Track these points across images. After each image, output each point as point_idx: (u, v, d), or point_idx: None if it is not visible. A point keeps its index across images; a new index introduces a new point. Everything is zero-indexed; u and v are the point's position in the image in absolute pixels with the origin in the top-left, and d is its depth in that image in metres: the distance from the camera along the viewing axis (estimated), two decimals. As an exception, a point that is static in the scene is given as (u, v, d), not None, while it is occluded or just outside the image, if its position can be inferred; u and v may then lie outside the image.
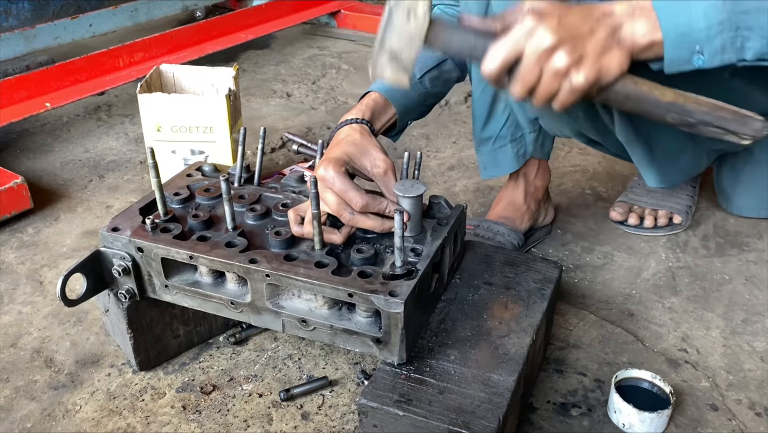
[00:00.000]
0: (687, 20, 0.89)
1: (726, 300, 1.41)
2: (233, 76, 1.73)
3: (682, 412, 1.14)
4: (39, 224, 1.66)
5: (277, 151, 2.03)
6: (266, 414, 1.13)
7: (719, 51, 0.90)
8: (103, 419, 1.12)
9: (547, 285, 1.15)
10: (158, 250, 1.05)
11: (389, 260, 1.03)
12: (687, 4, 0.89)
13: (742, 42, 0.89)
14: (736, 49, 0.90)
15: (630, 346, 1.29)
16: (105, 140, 2.10)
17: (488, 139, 1.46)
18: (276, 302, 1.03)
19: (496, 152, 1.46)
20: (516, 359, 0.99)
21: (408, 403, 0.91)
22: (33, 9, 2.72)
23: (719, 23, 0.88)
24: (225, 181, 1.03)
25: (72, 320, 1.33)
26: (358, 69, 2.71)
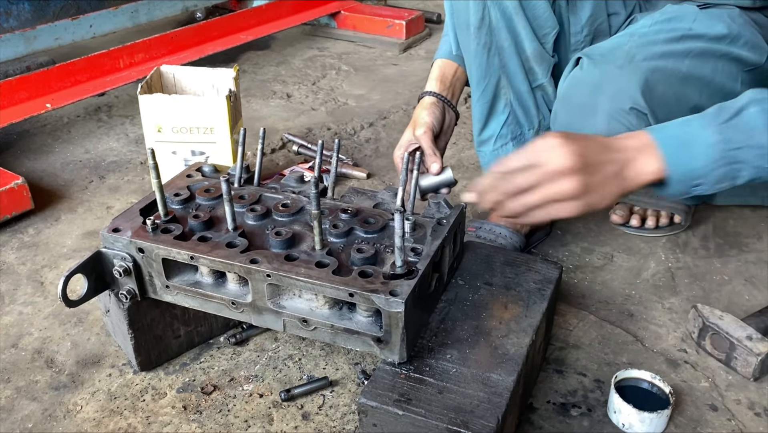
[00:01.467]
0: (689, 160, 0.98)
1: (725, 301, 1.41)
2: (233, 77, 1.73)
3: (682, 412, 1.15)
4: (40, 225, 1.66)
5: (277, 152, 2.03)
6: (267, 414, 1.13)
7: (716, 182, 0.99)
8: (104, 419, 1.12)
9: (547, 286, 1.15)
10: (159, 250, 1.05)
11: (389, 260, 1.03)
12: (688, 143, 0.98)
13: (736, 173, 0.99)
14: (731, 178, 0.99)
15: (630, 346, 1.29)
16: (105, 141, 2.10)
17: (489, 139, 1.46)
18: (277, 301, 1.03)
19: (498, 152, 1.47)
20: (515, 359, 0.99)
21: (407, 402, 0.92)
22: (33, 10, 2.72)
23: (716, 160, 0.98)
24: (225, 182, 1.03)
25: (73, 321, 1.34)
26: (358, 70, 2.71)
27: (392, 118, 2.26)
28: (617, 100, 1.20)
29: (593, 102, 1.23)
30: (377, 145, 2.09)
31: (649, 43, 1.23)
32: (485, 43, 1.35)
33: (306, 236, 1.09)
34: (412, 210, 1.13)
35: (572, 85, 1.30)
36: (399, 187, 1.09)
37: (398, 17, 3.00)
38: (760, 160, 0.98)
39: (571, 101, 1.29)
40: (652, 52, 1.21)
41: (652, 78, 1.20)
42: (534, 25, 1.34)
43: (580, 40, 1.41)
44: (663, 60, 1.21)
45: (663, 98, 1.21)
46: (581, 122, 1.24)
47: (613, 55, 1.24)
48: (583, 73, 1.27)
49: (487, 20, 1.33)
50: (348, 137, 2.13)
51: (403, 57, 2.89)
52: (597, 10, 1.38)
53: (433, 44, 3.02)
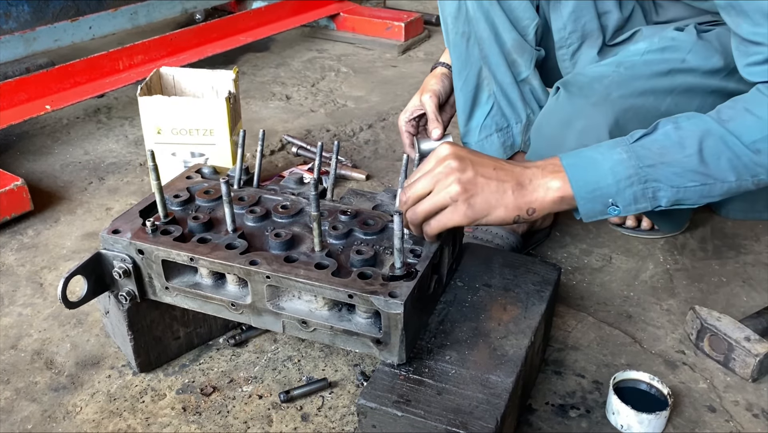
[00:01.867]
0: (595, 177, 0.96)
1: (723, 302, 1.42)
2: (233, 79, 1.73)
3: (680, 413, 1.15)
4: (39, 226, 1.67)
5: (276, 154, 2.04)
6: (266, 416, 1.13)
7: (632, 201, 0.96)
8: (103, 420, 1.12)
9: (546, 287, 1.15)
10: (159, 252, 1.05)
11: (389, 262, 1.03)
12: (594, 161, 0.97)
13: (654, 192, 0.96)
14: (649, 198, 0.96)
15: (628, 347, 1.30)
16: (105, 142, 2.10)
17: (473, 129, 1.46)
18: (276, 303, 1.03)
19: (482, 143, 1.47)
20: (514, 361, 1.00)
21: (406, 403, 0.92)
22: (33, 11, 2.72)
23: (627, 177, 0.95)
24: (225, 184, 1.03)
25: (72, 322, 1.34)
26: (357, 72, 2.71)
27: (391, 119, 2.26)
28: (584, 138, 1.13)
29: (562, 137, 1.20)
30: (376, 146, 2.09)
31: (633, 78, 1.19)
32: (463, 32, 1.36)
33: (305, 237, 1.09)
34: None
35: (545, 115, 1.28)
36: (398, 188, 1.10)
37: (397, 19, 3.00)
38: (677, 180, 0.95)
39: (542, 132, 1.28)
40: (632, 89, 1.17)
41: (623, 118, 1.15)
42: (511, 16, 1.34)
43: (564, 36, 1.36)
44: (642, 98, 1.17)
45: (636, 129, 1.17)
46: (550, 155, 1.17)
47: (591, 88, 1.20)
48: (557, 105, 1.25)
49: (463, 10, 1.34)
50: (347, 139, 2.14)
51: (402, 59, 2.89)
52: (580, 7, 1.33)
53: (432, 46, 3.02)
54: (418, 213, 0.98)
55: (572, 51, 1.38)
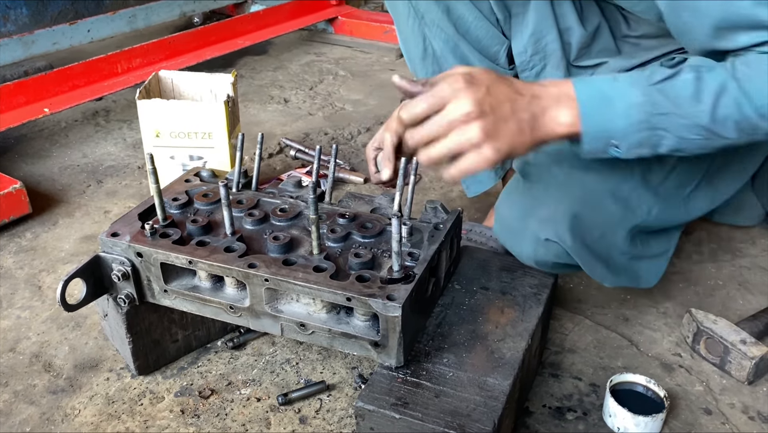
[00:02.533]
0: (608, 117, 0.93)
1: (719, 305, 1.42)
2: (231, 82, 1.74)
3: (677, 416, 1.16)
4: (37, 229, 1.67)
5: (274, 157, 2.04)
6: (264, 418, 1.14)
7: (635, 146, 0.95)
8: (101, 423, 1.13)
9: (543, 290, 1.16)
10: (157, 255, 1.06)
11: (387, 264, 1.04)
12: (609, 100, 0.93)
13: (658, 140, 0.94)
14: (652, 145, 0.95)
15: (625, 350, 1.30)
16: (103, 145, 2.11)
17: None
18: (275, 306, 1.04)
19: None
20: (512, 363, 1.00)
21: (404, 406, 0.92)
22: (31, 14, 2.73)
23: (638, 123, 0.92)
24: (224, 187, 1.04)
25: (71, 325, 1.34)
26: (355, 75, 2.72)
27: (389, 123, 2.26)
28: (542, 230, 1.12)
29: (521, 227, 1.17)
30: (374, 150, 2.10)
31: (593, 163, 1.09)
32: (433, 71, 1.34)
33: (304, 240, 1.10)
34: (409, 215, 1.14)
35: (505, 202, 1.24)
36: (396, 192, 1.10)
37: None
38: (684, 131, 0.93)
39: (503, 217, 1.23)
40: (593, 176, 1.12)
41: (584, 210, 1.12)
42: (479, 46, 1.32)
43: (526, 60, 1.31)
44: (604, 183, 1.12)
45: (597, 224, 1.14)
46: (511, 241, 1.20)
47: (550, 176, 1.15)
48: (518, 194, 1.21)
49: (429, 51, 1.32)
50: (345, 142, 2.14)
51: (399, 62, 2.90)
52: (540, 26, 1.26)
53: (429, 50, 3.03)
54: (432, 155, 0.91)
55: (536, 73, 1.32)
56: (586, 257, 1.16)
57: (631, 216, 1.16)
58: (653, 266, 1.26)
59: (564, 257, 1.15)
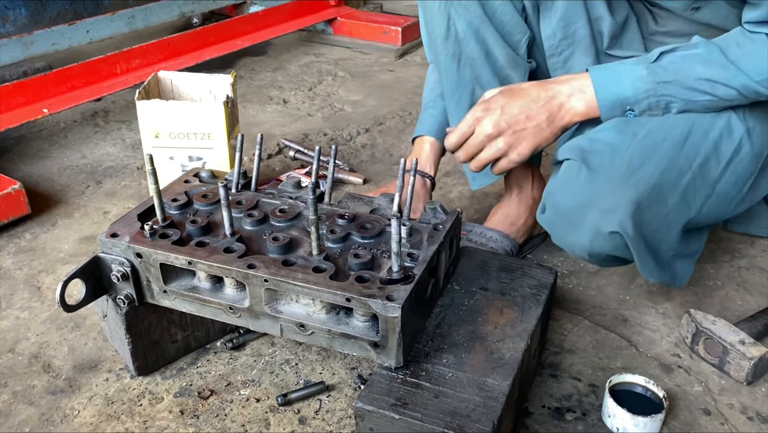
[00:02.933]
0: (618, 89, 1.14)
1: (718, 306, 1.43)
2: (231, 83, 1.74)
3: (676, 416, 1.16)
4: (36, 230, 1.67)
5: (273, 158, 2.04)
6: (264, 419, 1.14)
7: (646, 109, 1.15)
8: (101, 423, 1.13)
9: (542, 291, 1.16)
10: (157, 255, 1.06)
11: (386, 265, 1.04)
12: (618, 74, 1.14)
13: (666, 104, 1.14)
14: (661, 108, 1.14)
15: (624, 351, 1.30)
16: (102, 146, 2.11)
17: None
18: (274, 306, 1.04)
19: None
20: (511, 364, 1.00)
21: (404, 406, 0.92)
22: (30, 15, 2.73)
23: (644, 91, 1.12)
24: (224, 188, 1.04)
25: (70, 325, 1.34)
26: (355, 76, 2.72)
27: (388, 124, 2.27)
28: (604, 221, 1.12)
29: (581, 217, 1.16)
30: (373, 150, 2.10)
31: (652, 150, 1.14)
32: (453, 53, 1.35)
33: (303, 241, 1.10)
34: (408, 215, 1.14)
35: (563, 191, 1.20)
36: (395, 192, 1.10)
37: (394, 24, 3.01)
38: (690, 93, 1.11)
39: (559, 205, 1.21)
40: (653, 167, 1.13)
41: (646, 201, 1.12)
42: (503, 32, 1.33)
43: (555, 44, 1.33)
44: (665, 174, 1.13)
45: (656, 217, 1.14)
46: (565, 229, 1.20)
47: (612, 165, 1.14)
48: (578, 182, 1.17)
49: (452, 31, 1.33)
50: (344, 143, 2.14)
51: (399, 63, 2.90)
52: (570, 12, 1.29)
53: (428, 50, 3.03)
54: (476, 165, 1.23)
55: (564, 59, 1.34)
56: (642, 250, 1.15)
57: (686, 210, 1.17)
58: (687, 264, 1.26)
59: (620, 250, 1.14)
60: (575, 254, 1.23)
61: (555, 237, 1.25)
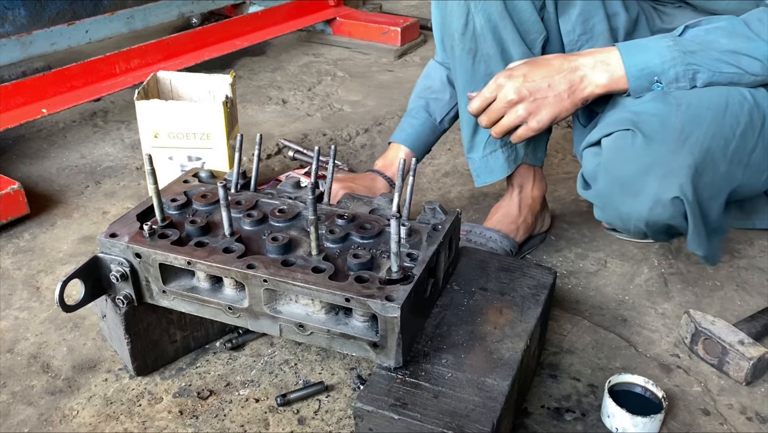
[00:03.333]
0: (645, 58, 1.15)
1: (718, 306, 1.43)
2: (230, 83, 1.74)
3: (675, 416, 1.16)
4: (35, 230, 1.67)
5: (273, 158, 2.04)
6: (263, 419, 1.14)
7: (674, 80, 1.15)
8: (100, 424, 1.13)
9: (542, 291, 1.16)
10: (156, 255, 1.06)
11: (385, 265, 1.04)
12: (645, 46, 1.16)
13: (693, 74, 1.14)
14: (689, 79, 1.14)
15: (623, 351, 1.30)
16: (101, 146, 2.10)
17: (478, 145, 1.46)
18: (273, 306, 1.04)
19: (488, 158, 1.47)
20: (510, 364, 1.00)
21: (403, 407, 0.92)
22: (29, 15, 2.73)
23: (671, 59, 1.13)
24: (223, 188, 1.04)
25: (69, 326, 1.34)
26: (354, 76, 2.72)
27: (387, 124, 2.27)
28: (665, 186, 1.11)
29: (640, 183, 1.14)
30: (372, 151, 2.10)
31: (699, 118, 1.13)
32: (470, 49, 1.35)
33: (302, 241, 1.10)
34: (407, 216, 1.14)
35: (619, 159, 1.17)
36: (395, 193, 1.10)
37: (393, 24, 3.01)
38: (716, 64, 1.13)
39: (616, 173, 1.18)
40: (703, 133, 1.12)
41: (702, 166, 1.12)
42: (521, 29, 1.34)
43: (574, 39, 1.36)
44: (715, 141, 1.13)
45: (710, 183, 1.14)
46: (621, 199, 1.17)
47: (666, 132, 1.12)
48: (635, 150, 1.14)
49: (471, 26, 1.33)
50: (343, 143, 2.14)
51: (398, 63, 2.91)
52: (588, 7, 1.33)
53: (428, 51, 3.04)
54: (498, 130, 1.26)
55: None
56: (697, 219, 1.14)
57: (733, 178, 1.16)
58: (719, 241, 1.24)
59: (678, 218, 1.13)
60: (629, 227, 1.20)
61: (607, 210, 1.22)
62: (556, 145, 2.09)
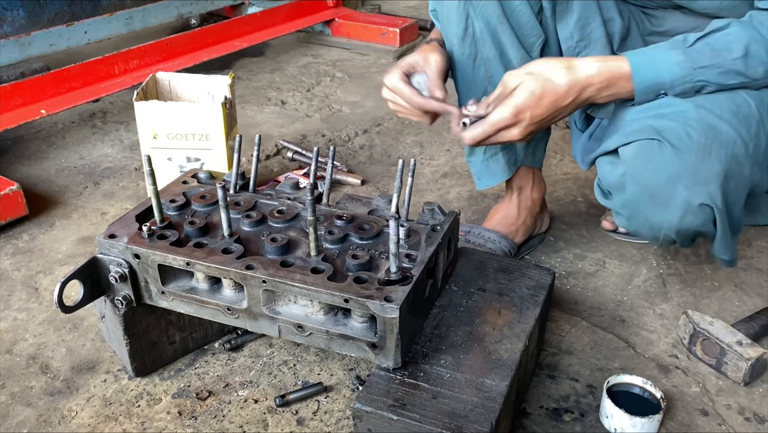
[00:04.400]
0: (655, 75, 1.12)
1: (716, 307, 1.43)
2: (229, 84, 1.74)
3: (673, 417, 1.16)
4: (34, 231, 1.67)
5: (271, 159, 2.04)
6: (262, 420, 1.14)
7: (680, 93, 1.12)
8: (99, 425, 1.13)
9: (540, 291, 1.16)
10: (155, 256, 1.06)
11: (384, 266, 1.04)
12: (655, 61, 1.12)
13: (700, 88, 1.12)
14: (695, 92, 1.12)
15: (621, 352, 1.31)
16: (100, 147, 2.10)
17: (479, 149, 1.46)
18: (272, 307, 1.04)
19: (488, 162, 1.47)
20: (509, 365, 1.00)
21: (402, 407, 0.93)
22: (28, 16, 2.73)
23: (681, 78, 1.10)
24: (222, 189, 1.04)
25: (68, 327, 1.34)
26: (353, 77, 2.72)
27: (386, 125, 2.27)
28: (695, 194, 1.11)
29: (670, 193, 1.13)
30: (371, 151, 2.10)
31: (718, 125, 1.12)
32: (470, 53, 1.35)
33: (301, 242, 1.10)
34: (406, 217, 1.14)
35: (648, 168, 1.15)
36: (393, 194, 1.10)
37: (392, 25, 3.01)
38: (723, 78, 1.10)
39: (644, 183, 1.16)
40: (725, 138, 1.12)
41: (729, 171, 1.11)
42: (519, 34, 1.34)
43: (572, 46, 1.37)
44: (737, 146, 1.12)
45: (736, 187, 1.14)
46: (651, 209, 1.17)
47: (690, 138, 1.11)
48: (663, 159, 1.13)
49: (470, 31, 1.33)
50: (342, 144, 2.15)
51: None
52: (586, 13, 1.34)
53: (426, 52, 3.03)
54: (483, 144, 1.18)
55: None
56: (726, 224, 1.15)
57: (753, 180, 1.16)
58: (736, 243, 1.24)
59: (707, 225, 1.14)
60: (658, 236, 1.19)
61: (635, 219, 1.21)
62: (555, 147, 2.10)
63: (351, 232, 1.11)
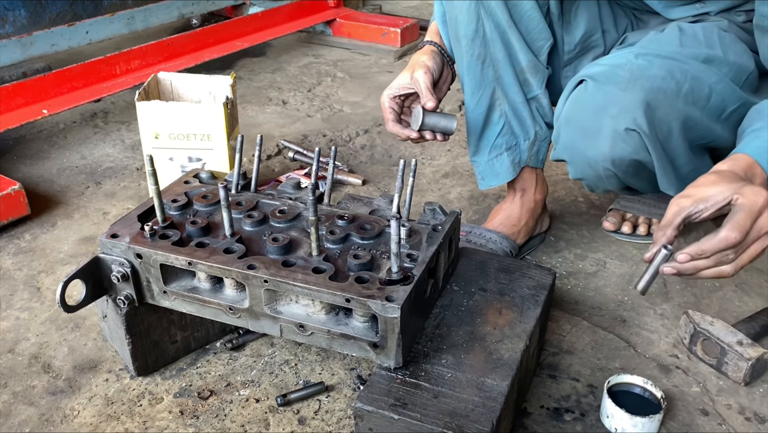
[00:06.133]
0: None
1: (716, 307, 1.43)
2: (230, 84, 1.74)
3: (674, 417, 1.16)
4: (36, 231, 1.67)
5: (273, 159, 2.04)
6: (263, 419, 1.14)
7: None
8: (101, 424, 1.13)
9: (541, 291, 1.17)
10: (157, 256, 1.06)
11: (385, 266, 1.04)
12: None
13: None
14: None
15: (622, 352, 1.31)
16: (102, 147, 2.11)
17: (484, 148, 1.47)
18: (274, 307, 1.04)
19: (493, 162, 1.47)
20: (510, 364, 1.01)
21: (403, 407, 0.93)
22: (30, 16, 2.73)
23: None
24: (224, 188, 1.04)
25: (70, 326, 1.34)
26: (354, 77, 2.73)
27: (387, 125, 2.27)
28: (619, 120, 1.18)
29: (597, 124, 1.20)
30: (372, 151, 2.10)
31: (651, 61, 1.20)
32: (479, 54, 1.35)
33: (303, 242, 1.10)
34: (407, 217, 1.14)
35: (576, 107, 1.25)
36: (395, 194, 1.11)
37: (393, 25, 3.02)
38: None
39: (574, 123, 1.25)
40: (652, 73, 1.19)
41: (654, 101, 1.17)
42: (528, 38, 1.35)
43: (572, 57, 1.44)
44: (666, 81, 1.19)
45: (666, 118, 1.19)
46: (585, 144, 1.23)
47: (615, 75, 1.20)
48: (588, 95, 1.23)
49: (481, 32, 1.33)
50: (343, 144, 2.15)
51: (398, 64, 2.91)
52: (591, 27, 1.40)
53: (427, 52, 3.03)
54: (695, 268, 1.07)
55: (574, 67, 1.44)
56: (660, 154, 1.20)
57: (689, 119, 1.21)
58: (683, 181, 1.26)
59: (641, 152, 1.18)
60: (599, 172, 1.25)
61: (575, 161, 1.28)
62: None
63: (352, 232, 1.12)
